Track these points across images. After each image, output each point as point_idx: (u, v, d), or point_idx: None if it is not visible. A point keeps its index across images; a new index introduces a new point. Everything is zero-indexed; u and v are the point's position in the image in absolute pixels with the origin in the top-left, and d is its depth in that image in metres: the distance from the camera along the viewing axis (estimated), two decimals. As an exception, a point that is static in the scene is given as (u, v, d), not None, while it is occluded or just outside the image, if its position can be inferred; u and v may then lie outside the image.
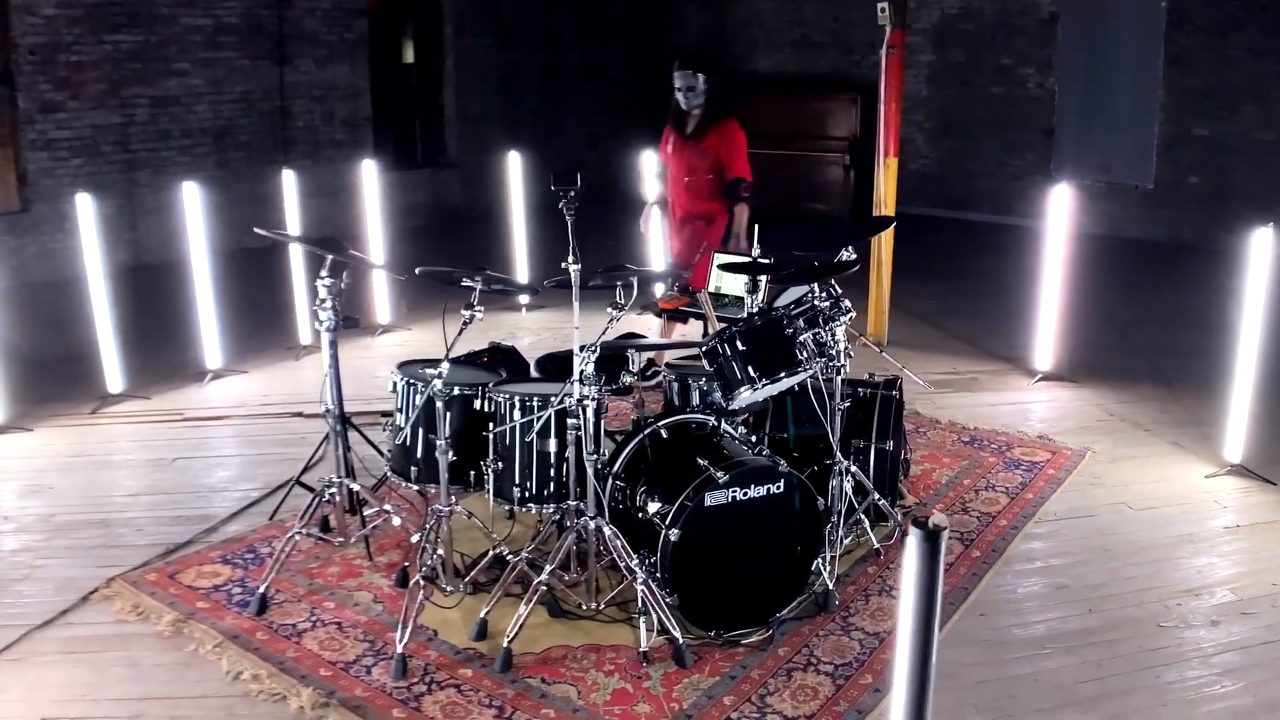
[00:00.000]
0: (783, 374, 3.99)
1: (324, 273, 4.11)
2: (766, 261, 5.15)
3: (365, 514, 4.48)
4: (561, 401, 3.75)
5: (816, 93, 12.83)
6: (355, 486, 4.39)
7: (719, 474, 3.67)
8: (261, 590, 4.04)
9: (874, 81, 12.59)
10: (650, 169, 7.14)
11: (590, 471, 3.71)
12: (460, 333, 3.78)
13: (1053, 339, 6.72)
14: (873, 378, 4.81)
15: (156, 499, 5.05)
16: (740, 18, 13.93)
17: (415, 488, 4.28)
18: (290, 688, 3.57)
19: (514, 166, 8.41)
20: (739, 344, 3.97)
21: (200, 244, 6.63)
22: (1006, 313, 7.74)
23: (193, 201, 6.58)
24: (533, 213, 8.42)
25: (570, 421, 3.78)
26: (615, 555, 3.77)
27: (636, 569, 3.70)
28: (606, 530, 3.76)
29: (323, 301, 4.12)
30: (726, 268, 5.43)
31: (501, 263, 8.12)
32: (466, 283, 3.85)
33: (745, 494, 3.74)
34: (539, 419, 3.80)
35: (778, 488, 3.79)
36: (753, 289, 4.85)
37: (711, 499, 3.69)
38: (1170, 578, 4.27)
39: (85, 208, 6.11)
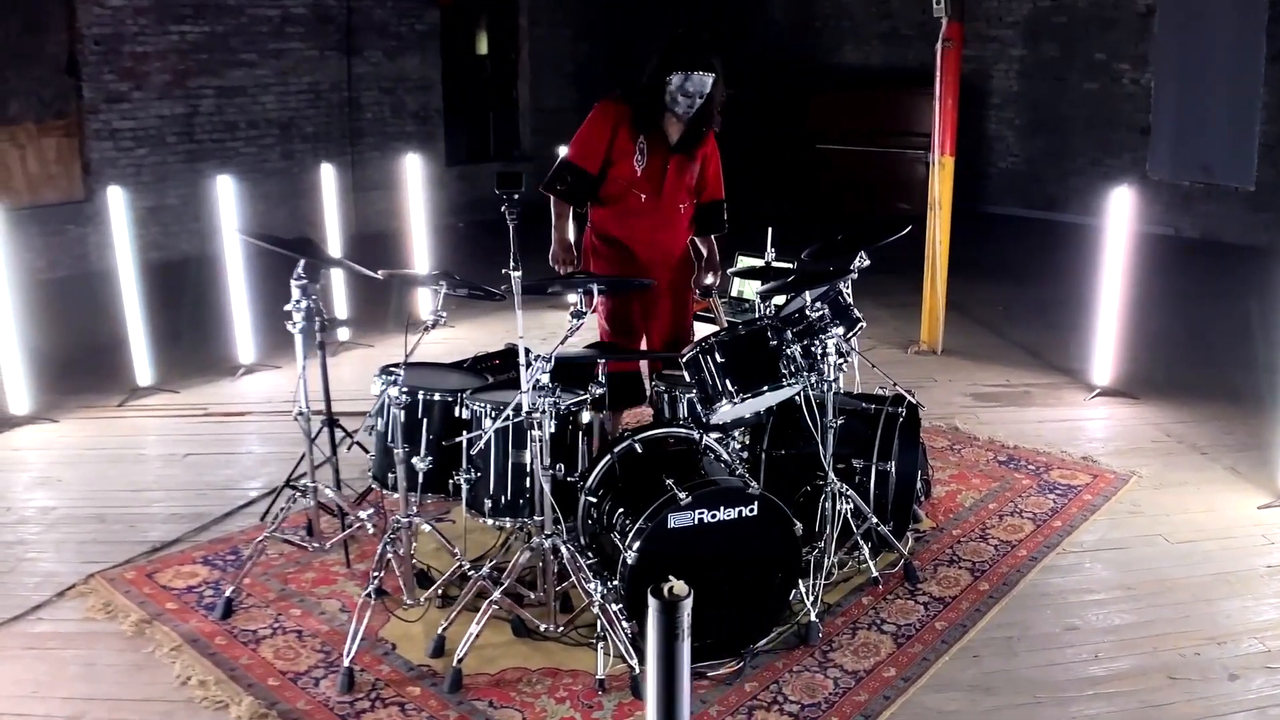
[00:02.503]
0: (765, 388, 3.75)
1: (298, 273, 3.99)
2: (787, 266, 4.93)
3: (346, 519, 4.36)
4: (512, 416, 3.55)
5: (902, 87, 12.39)
6: (330, 492, 4.28)
7: (682, 495, 3.44)
8: (227, 594, 3.96)
9: (962, 76, 12.21)
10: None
11: (547, 486, 3.52)
12: (420, 339, 3.63)
13: (1112, 351, 6.29)
14: (886, 392, 4.52)
15: (157, 495, 5.02)
16: (827, 9, 13.55)
17: (396, 495, 4.14)
18: (235, 696, 3.47)
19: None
20: (717, 355, 3.74)
21: (235, 236, 6.60)
22: (1077, 321, 7.25)
23: (227, 195, 6.55)
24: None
25: (533, 434, 3.59)
26: (574, 575, 3.58)
27: (594, 591, 3.50)
28: (564, 549, 3.56)
29: (297, 302, 4.01)
30: (743, 273, 5.22)
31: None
32: (435, 286, 3.69)
33: (714, 516, 3.50)
34: (483, 435, 3.61)
35: (750, 510, 3.54)
36: (766, 296, 4.59)
37: (675, 520, 3.46)
38: (1196, 622, 3.89)
39: (117, 200, 6.14)
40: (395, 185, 10.30)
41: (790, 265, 4.92)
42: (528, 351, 3.50)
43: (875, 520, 4.10)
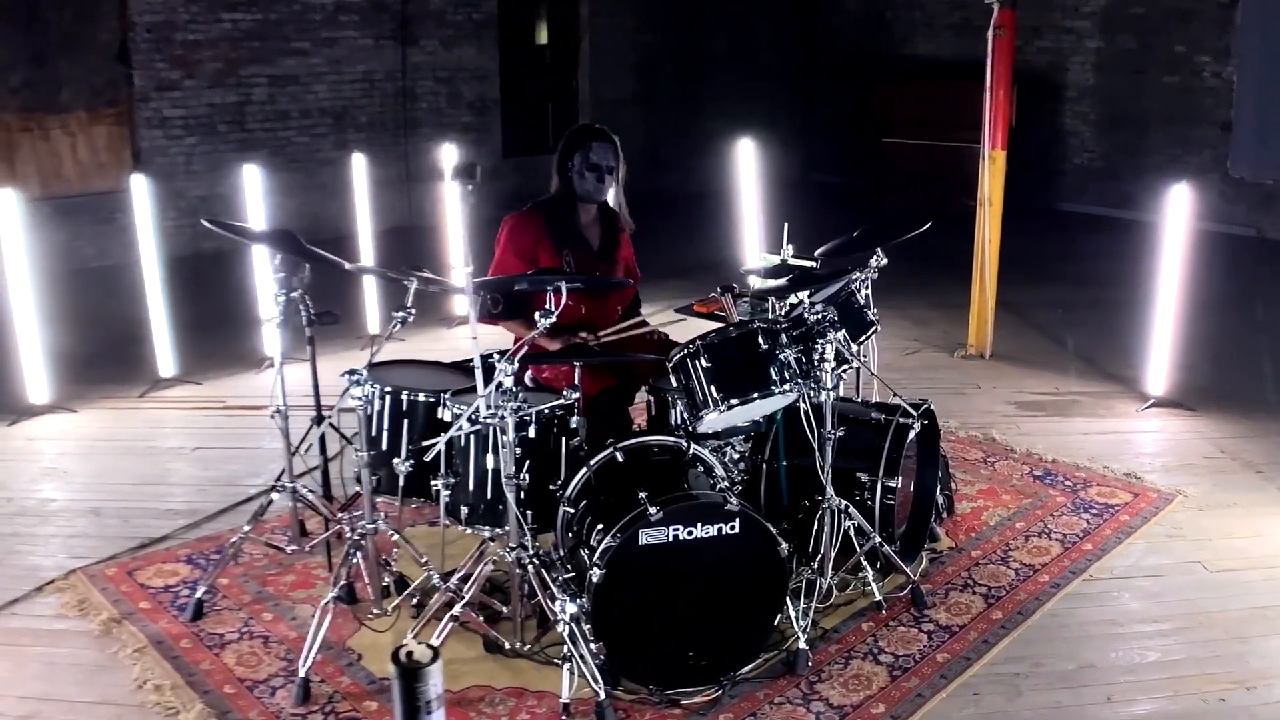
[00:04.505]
0: (755, 395, 3.51)
1: (276, 266, 3.86)
2: (807, 263, 4.69)
3: (328, 522, 4.22)
4: (473, 421, 3.36)
5: (972, 79, 11.91)
6: (311, 495, 4.13)
7: (653, 510, 3.22)
8: (198, 596, 3.84)
9: (1036, 69, 11.76)
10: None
11: (511, 496, 3.32)
12: (389, 335, 3.46)
13: (1168, 359, 5.90)
14: (903, 400, 4.23)
15: (157, 489, 4.94)
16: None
17: (381, 498, 3.98)
18: (188, 702, 3.34)
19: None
20: (704, 360, 3.51)
21: (262, 227, 6.52)
22: (1139, 326, 6.82)
23: (254, 184, 6.47)
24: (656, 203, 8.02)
25: (504, 438, 3.40)
26: (539, 592, 3.38)
27: (560, 610, 3.29)
28: (530, 564, 3.37)
29: (276, 296, 3.88)
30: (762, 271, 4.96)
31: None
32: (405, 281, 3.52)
33: (690, 533, 3.28)
34: (435, 445, 3.42)
35: (731, 528, 3.31)
36: (777, 295, 4.34)
37: (646, 537, 3.24)
38: (1226, 663, 3.55)
39: (141, 190, 6.10)
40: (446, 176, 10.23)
41: (811, 263, 4.68)
42: (485, 357, 3.31)
43: (879, 539, 3.83)
